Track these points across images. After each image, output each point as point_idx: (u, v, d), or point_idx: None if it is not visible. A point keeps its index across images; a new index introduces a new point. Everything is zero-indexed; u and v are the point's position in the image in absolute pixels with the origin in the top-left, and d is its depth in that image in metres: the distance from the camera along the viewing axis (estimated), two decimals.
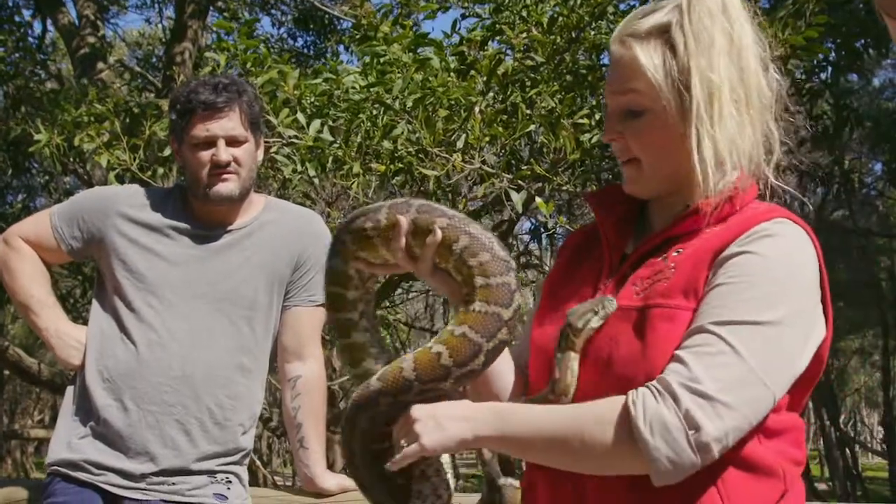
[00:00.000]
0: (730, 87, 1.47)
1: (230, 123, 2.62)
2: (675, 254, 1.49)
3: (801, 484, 1.48)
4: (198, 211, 2.71)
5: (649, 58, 1.48)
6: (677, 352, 1.38)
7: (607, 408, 1.38)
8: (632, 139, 1.51)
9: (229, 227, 2.72)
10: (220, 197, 2.63)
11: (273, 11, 10.63)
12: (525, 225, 4.59)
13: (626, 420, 1.35)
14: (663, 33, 1.49)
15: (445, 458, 1.63)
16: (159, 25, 11.16)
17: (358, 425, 1.60)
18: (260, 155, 2.79)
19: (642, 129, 1.50)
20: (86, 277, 7.65)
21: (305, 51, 10.76)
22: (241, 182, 2.66)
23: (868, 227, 17.59)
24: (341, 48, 9.41)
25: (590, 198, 1.68)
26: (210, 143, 2.61)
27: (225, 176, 2.62)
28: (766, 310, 1.37)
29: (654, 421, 1.33)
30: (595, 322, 1.46)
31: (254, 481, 3.04)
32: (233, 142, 2.63)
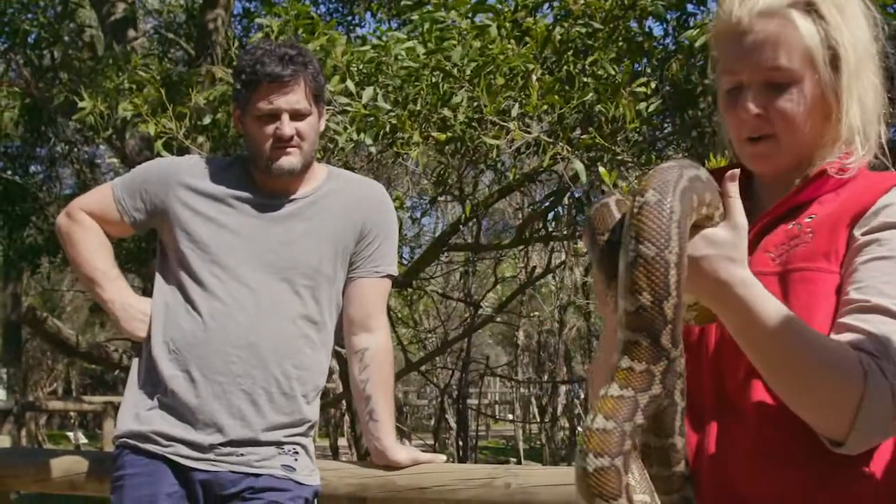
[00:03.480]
0: (870, 56, 1.47)
1: (295, 97, 2.57)
2: (807, 219, 1.45)
3: None
4: (260, 181, 2.67)
5: (805, 30, 1.43)
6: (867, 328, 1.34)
7: (845, 350, 1.33)
8: (776, 115, 1.45)
9: (292, 197, 2.67)
10: (281, 171, 2.60)
11: None
12: (574, 194, 4.50)
13: (860, 373, 1.30)
14: (810, 4, 1.44)
15: None
16: None
17: None
18: (322, 125, 2.75)
19: (790, 103, 1.44)
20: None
21: (329, 18, 10.66)
22: (304, 155, 2.61)
23: None
24: (369, 16, 9.30)
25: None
26: (274, 115, 2.57)
27: (288, 150, 2.58)
28: None
29: (881, 395, 1.29)
30: None
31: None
32: (296, 115, 2.58)
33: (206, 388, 2.53)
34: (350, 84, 3.98)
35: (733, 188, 1.35)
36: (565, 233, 5.17)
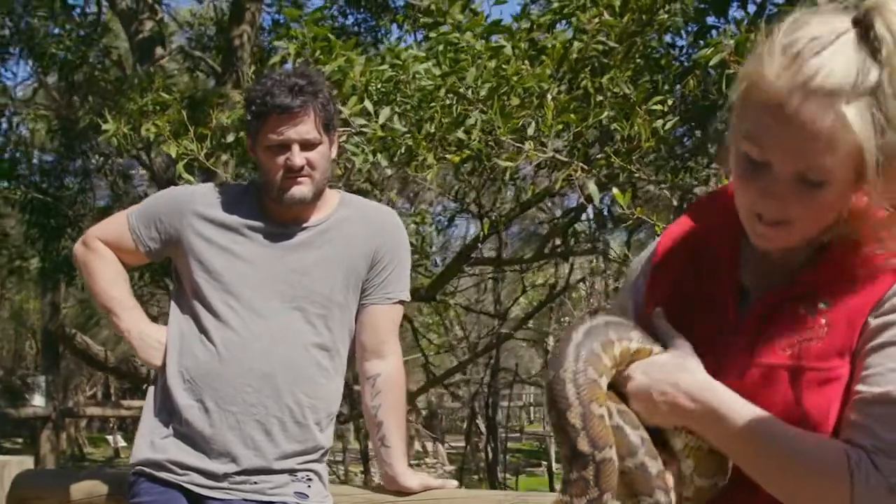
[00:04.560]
0: None
1: (305, 127, 2.59)
2: (822, 305, 1.34)
3: None
4: (272, 209, 2.69)
5: (859, 130, 1.22)
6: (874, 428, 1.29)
7: (827, 449, 1.30)
8: (800, 207, 1.29)
9: (304, 225, 2.70)
10: (293, 200, 2.62)
11: None
12: (589, 210, 4.51)
13: (843, 472, 1.27)
14: (873, 91, 1.21)
15: None
16: (211, 5, 11.15)
17: None
18: (334, 152, 2.77)
19: (816, 202, 1.28)
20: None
21: (356, 29, 10.73)
22: (315, 184, 2.63)
23: None
24: (395, 27, 9.36)
25: (693, 213, 1.53)
26: (285, 146, 2.59)
27: (299, 179, 2.60)
28: None
29: (872, 493, 1.26)
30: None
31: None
32: (307, 145, 2.60)
33: (219, 417, 2.56)
34: (368, 104, 4.01)
35: (661, 323, 1.39)
36: (587, 247, 5.18)
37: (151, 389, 2.71)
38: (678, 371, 1.36)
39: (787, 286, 1.37)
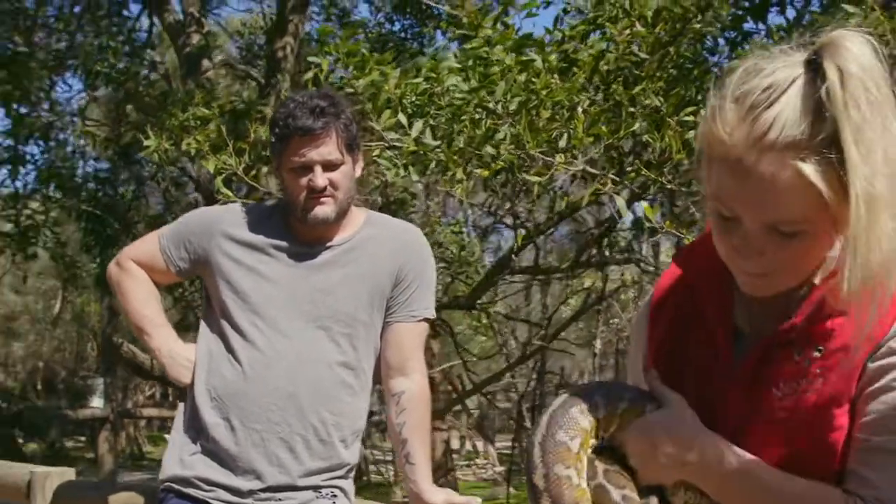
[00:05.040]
0: (891, 192, 1.17)
1: (327, 148, 2.63)
2: (815, 353, 1.31)
3: None
4: (297, 229, 2.74)
5: (816, 183, 1.18)
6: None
7: (826, 496, 1.30)
8: (779, 258, 1.26)
9: (328, 244, 2.74)
10: (316, 220, 2.66)
11: None
12: (627, 218, 4.49)
13: None
14: (830, 143, 1.17)
15: None
16: (260, 15, 11.32)
17: None
18: (358, 170, 2.80)
19: (795, 250, 1.25)
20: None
21: (403, 34, 10.81)
22: (338, 204, 2.67)
23: None
24: (439, 33, 9.41)
25: (681, 261, 1.50)
26: (307, 167, 2.63)
27: (322, 199, 2.64)
28: None
29: None
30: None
31: None
32: (329, 166, 2.64)
33: (245, 436, 2.61)
34: (402, 117, 4.05)
35: (655, 384, 1.41)
36: (621, 257, 5.17)
37: (181, 406, 2.78)
38: (674, 424, 1.36)
39: (780, 332, 1.34)
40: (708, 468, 1.33)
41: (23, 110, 7.99)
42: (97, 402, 17.99)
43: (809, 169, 1.18)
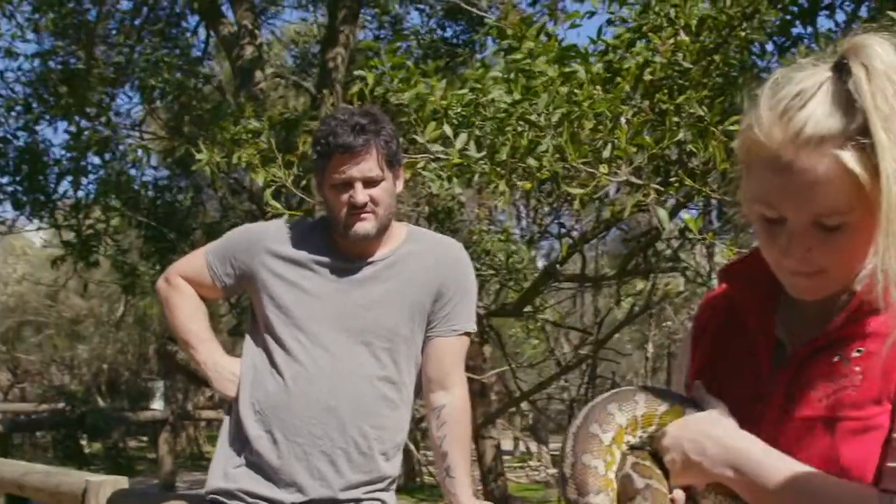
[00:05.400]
0: None
1: (367, 165, 2.67)
2: (855, 353, 1.34)
3: None
4: (339, 245, 2.79)
5: (859, 170, 1.24)
6: None
7: (862, 495, 1.30)
8: (825, 254, 1.29)
9: (370, 259, 2.78)
10: (357, 237, 2.71)
11: (421, 6, 10.74)
12: (670, 228, 4.46)
13: None
14: (861, 131, 1.24)
15: None
16: (314, 25, 11.45)
17: None
18: (399, 186, 2.84)
19: (840, 243, 1.29)
20: None
21: (455, 40, 10.86)
22: (379, 220, 2.72)
23: None
24: (490, 40, 9.42)
25: (725, 274, 1.54)
26: (348, 184, 2.68)
27: (363, 216, 2.69)
28: None
29: None
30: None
31: None
32: (370, 182, 2.69)
33: (287, 449, 2.67)
34: (447, 128, 4.08)
35: (699, 392, 1.43)
36: (667, 265, 5.14)
37: (226, 419, 2.84)
38: (711, 425, 1.38)
39: (822, 334, 1.36)
40: (742, 468, 1.35)
41: (84, 124, 8.21)
42: (158, 404, 18.37)
43: (846, 155, 1.24)
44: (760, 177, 1.29)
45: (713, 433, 1.37)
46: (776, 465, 1.32)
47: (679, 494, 1.42)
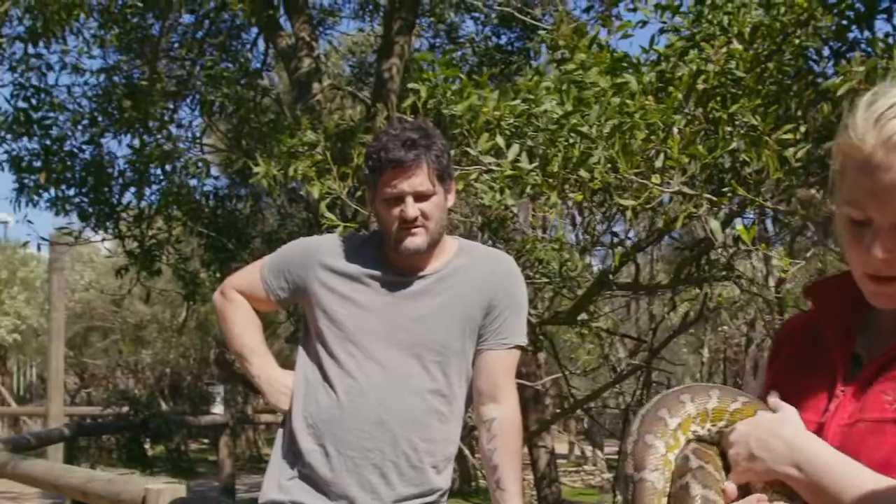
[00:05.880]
0: None
1: (418, 179, 2.70)
2: None
3: None
4: (391, 258, 2.82)
5: None
6: None
7: None
8: None
9: (421, 273, 2.81)
10: (408, 251, 2.74)
11: (476, 14, 10.75)
12: (722, 238, 4.43)
13: None
14: None
15: None
16: (370, 35, 11.55)
17: None
18: (450, 200, 2.86)
19: None
20: None
21: (510, 48, 10.86)
22: (430, 235, 2.74)
23: None
24: (544, 47, 9.41)
25: (810, 292, 1.59)
26: (399, 199, 2.71)
27: (414, 230, 2.72)
28: None
29: None
30: None
31: None
32: (420, 196, 2.72)
33: (339, 462, 2.71)
34: (500, 140, 4.10)
35: (773, 399, 1.46)
36: (720, 274, 5.10)
37: (280, 432, 2.89)
38: (781, 424, 1.42)
39: (894, 346, 1.41)
40: (807, 469, 1.37)
41: (146, 138, 8.40)
42: (218, 409, 18.66)
43: None
44: (851, 180, 1.36)
45: (781, 432, 1.41)
46: (845, 469, 1.34)
47: (731, 487, 1.43)
